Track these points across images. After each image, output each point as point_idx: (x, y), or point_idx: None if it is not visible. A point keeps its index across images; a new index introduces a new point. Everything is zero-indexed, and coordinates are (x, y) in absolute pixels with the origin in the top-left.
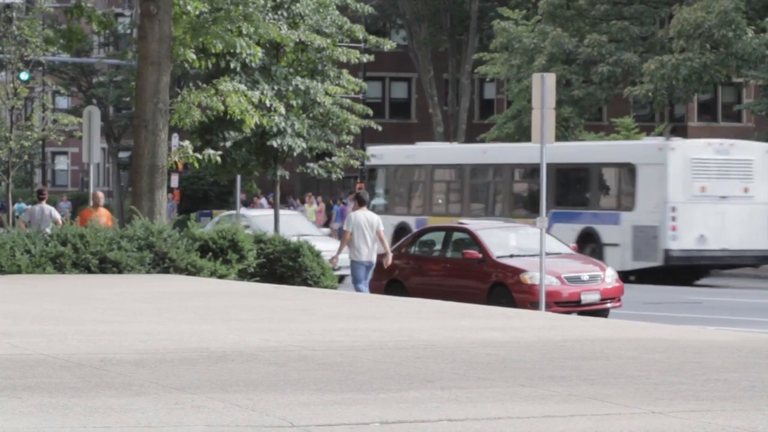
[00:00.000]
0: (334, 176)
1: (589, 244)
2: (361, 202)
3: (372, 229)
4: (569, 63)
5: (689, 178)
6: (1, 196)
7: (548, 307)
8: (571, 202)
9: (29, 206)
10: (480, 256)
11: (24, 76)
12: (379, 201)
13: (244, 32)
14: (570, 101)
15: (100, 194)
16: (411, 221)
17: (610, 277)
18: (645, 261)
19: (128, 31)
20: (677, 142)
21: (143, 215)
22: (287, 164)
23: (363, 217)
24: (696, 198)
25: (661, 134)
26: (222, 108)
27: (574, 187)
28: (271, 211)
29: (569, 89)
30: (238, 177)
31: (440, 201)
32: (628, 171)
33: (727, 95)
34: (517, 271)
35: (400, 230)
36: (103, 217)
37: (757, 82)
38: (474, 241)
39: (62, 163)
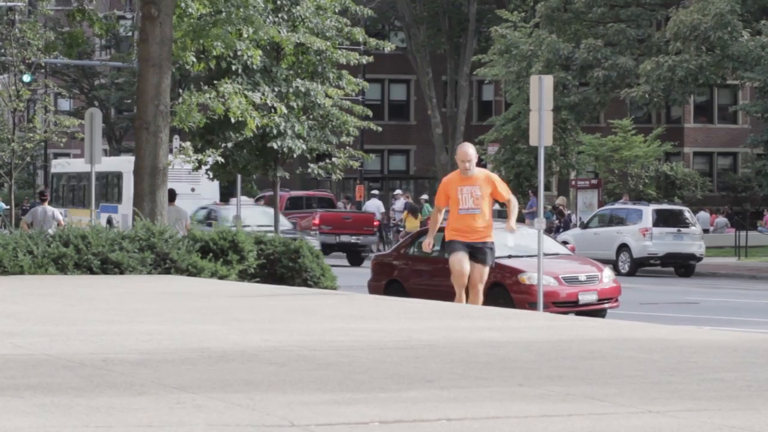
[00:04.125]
0: (333, 177)
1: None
2: (172, 198)
3: (181, 220)
4: (566, 69)
5: None
6: (3, 196)
7: (546, 308)
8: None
9: (7, 206)
10: None
11: (26, 78)
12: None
13: (245, 35)
14: (566, 106)
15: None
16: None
17: (607, 278)
18: None
19: (130, 34)
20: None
21: (144, 216)
22: (287, 165)
23: (173, 210)
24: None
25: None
26: (222, 110)
27: (108, 188)
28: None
29: (566, 94)
30: (239, 177)
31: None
32: (118, 176)
33: (722, 97)
34: (515, 272)
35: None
36: None
37: (752, 83)
38: None
39: None
